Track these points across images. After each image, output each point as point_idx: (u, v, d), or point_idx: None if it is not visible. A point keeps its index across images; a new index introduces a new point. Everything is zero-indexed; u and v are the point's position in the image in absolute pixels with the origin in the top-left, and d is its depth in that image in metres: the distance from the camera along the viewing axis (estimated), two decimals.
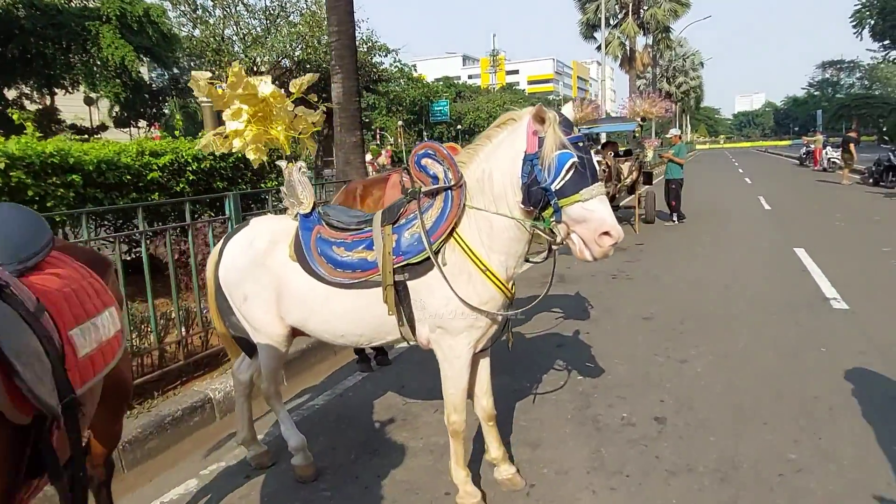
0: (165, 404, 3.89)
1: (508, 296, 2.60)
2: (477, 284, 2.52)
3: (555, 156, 2.27)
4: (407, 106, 49.00)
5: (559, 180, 2.28)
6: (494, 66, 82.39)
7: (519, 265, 2.61)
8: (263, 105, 2.62)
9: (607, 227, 2.24)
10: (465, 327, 2.57)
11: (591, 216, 2.26)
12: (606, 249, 2.28)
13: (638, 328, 5.41)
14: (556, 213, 2.33)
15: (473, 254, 2.51)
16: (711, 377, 4.21)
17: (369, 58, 32.99)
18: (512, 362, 4.67)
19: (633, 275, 7.63)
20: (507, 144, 2.46)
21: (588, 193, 2.26)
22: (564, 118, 2.36)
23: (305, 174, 2.80)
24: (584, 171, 2.28)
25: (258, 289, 2.78)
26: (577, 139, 2.33)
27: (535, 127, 2.36)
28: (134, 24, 22.70)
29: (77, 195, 5.32)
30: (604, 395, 4.00)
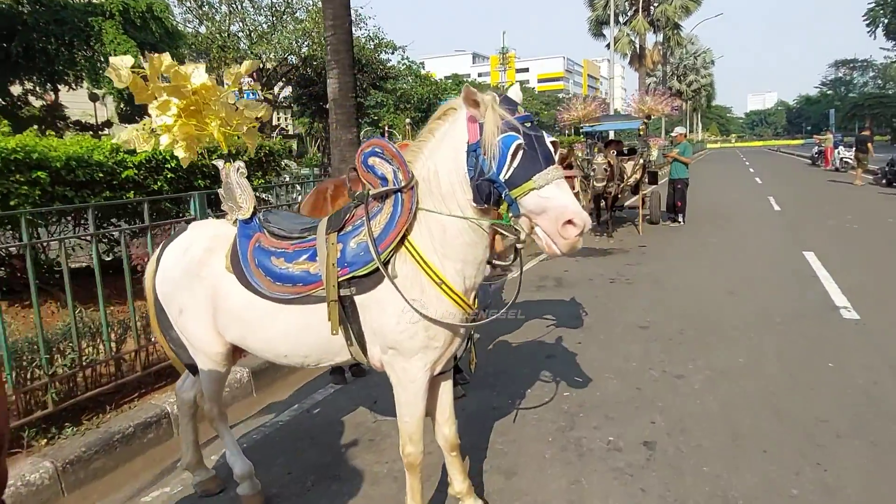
0: (118, 419, 3.62)
1: (467, 310, 2.30)
2: (430, 298, 2.22)
3: (497, 140, 1.97)
4: (415, 104, 48.83)
5: (506, 168, 1.98)
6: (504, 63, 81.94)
7: (480, 273, 2.30)
8: (195, 98, 2.34)
9: (569, 214, 1.93)
10: (419, 348, 2.28)
11: (550, 204, 1.95)
12: (573, 241, 1.97)
13: (633, 338, 5.09)
14: (512, 207, 2.03)
15: (426, 263, 2.21)
16: (708, 395, 3.89)
17: (376, 55, 32.79)
18: (496, 374, 4.38)
19: (632, 279, 7.30)
20: (449, 137, 2.17)
21: (542, 178, 1.95)
22: (506, 97, 2.07)
23: (244, 175, 2.51)
24: (534, 153, 1.97)
25: (193, 302, 2.50)
26: (526, 118, 2.03)
27: (472, 112, 2.07)
28: (137, 19, 22.50)
29: (44, 193, 5.08)
30: (590, 414, 3.68)
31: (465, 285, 2.27)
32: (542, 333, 5.27)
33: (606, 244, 9.79)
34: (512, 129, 1.97)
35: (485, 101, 2.01)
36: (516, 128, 1.97)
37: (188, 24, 28.54)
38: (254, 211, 2.50)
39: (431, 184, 2.20)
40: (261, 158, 7.02)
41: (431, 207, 2.20)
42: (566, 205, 1.95)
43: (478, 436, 3.47)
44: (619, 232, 10.88)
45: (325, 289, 2.26)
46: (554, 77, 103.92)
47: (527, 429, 3.54)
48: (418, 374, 2.32)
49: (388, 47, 32.90)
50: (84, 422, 3.56)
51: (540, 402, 3.88)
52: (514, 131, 1.96)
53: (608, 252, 9.10)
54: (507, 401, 3.93)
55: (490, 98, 2.01)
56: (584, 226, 1.95)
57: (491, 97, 2.01)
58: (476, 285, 2.33)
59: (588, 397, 3.92)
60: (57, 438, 3.38)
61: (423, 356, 2.30)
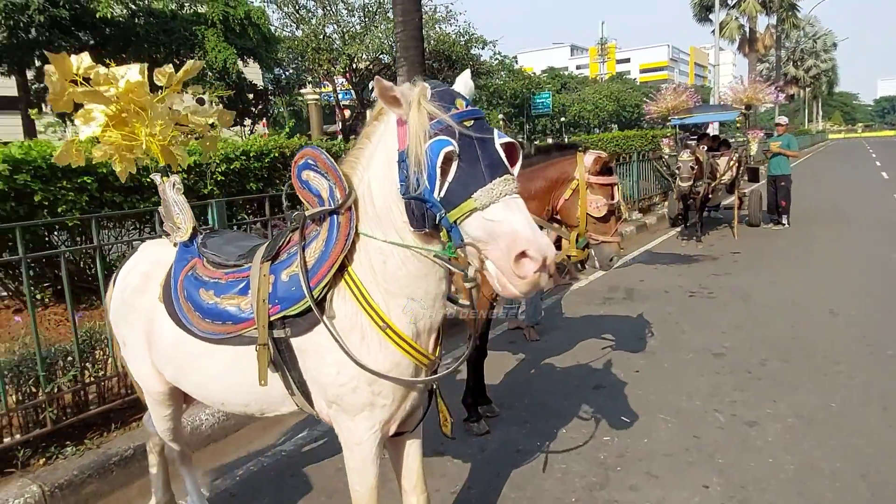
0: (119, 440, 3.47)
1: (421, 359, 1.83)
2: (372, 345, 1.78)
3: (425, 147, 1.48)
4: (508, 99, 48.20)
5: (438, 183, 1.49)
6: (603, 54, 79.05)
7: (438, 310, 1.82)
8: (124, 104, 2.05)
9: (522, 243, 1.41)
10: (363, 404, 1.84)
11: (498, 230, 1.44)
12: (532, 279, 1.43)
13: (704, 368, 4.35)
14: (452, 233, 1.53)
15: (367, 301, 1.77)
16: (784, 453, 3.15)
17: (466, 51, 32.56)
18: (530, 407, 3.85)
19: (716, 292, 6.41)
20: (382, 144, 1.71)
21: (485, 196, 1.45)
22: (443, 90, 1.56)
23: (181, 191, 2.19)
24: (474, 162, 1.48)
25: (131, 334, 2.22)
26: (468, 114, 1.52)
27: (396, 112, 1.59)
28: (236, 26, 23.61)
29: (92, 199, 5.14)
30: (630, 468, 3.07)
31: (416, 327, 1.80)
32: (595, 357, 4.65)
33: (694, 250, 8.82)
34: (444, 130, 1.48)
35: (406, 97, 1.54)
36: (451, 129, 1.48)
37: (285, 28, 29.66)
38: (193, 232, 2.17)
39: (366, 202, 1.75)
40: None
41: (369, 231, 1.76)
42: (517, 230, 1.42)
43: (488, 484, 2.98)
44: (710, 236, 9.82)
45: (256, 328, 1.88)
46: (657, 67, 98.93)
47: (549, 482, 3.00)
48: (364, 436, 1.88)
49: (478, 43, 32.56)
50: (87, 440, 3.43)
51: (573, 446, 3.31)
52: (445, 134, 1.48)
53: (693, 259, 8.17)
54: (535, 442, 3.39)
55: (416, 92, 1.53)
56: (544, 258, 1.42)
57: (418, 90, 1.53)
58: (434, 326, 1.85)
59: (632, 444, 3.30)
60: (55, 459, 3.27)
61: (369, 415, 1.86)
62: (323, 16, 29.53)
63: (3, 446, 3.18)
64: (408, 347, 1.78)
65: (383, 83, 1.54)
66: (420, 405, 2.02)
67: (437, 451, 3.34)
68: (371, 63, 30.89)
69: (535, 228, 1.46)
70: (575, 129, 54.33)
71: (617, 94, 55.80)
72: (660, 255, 8.67)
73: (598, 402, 3.84)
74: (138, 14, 22.39)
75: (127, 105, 2.06)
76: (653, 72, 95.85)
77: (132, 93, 2.04)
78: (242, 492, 3.10)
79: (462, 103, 1.55)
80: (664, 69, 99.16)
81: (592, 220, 3.16)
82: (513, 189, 1.48)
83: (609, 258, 3.20)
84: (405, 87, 1.58)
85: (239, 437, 3.69)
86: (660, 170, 10.97)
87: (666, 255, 8.61)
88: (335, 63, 29.47)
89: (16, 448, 3.18)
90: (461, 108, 1.53)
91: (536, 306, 5.12)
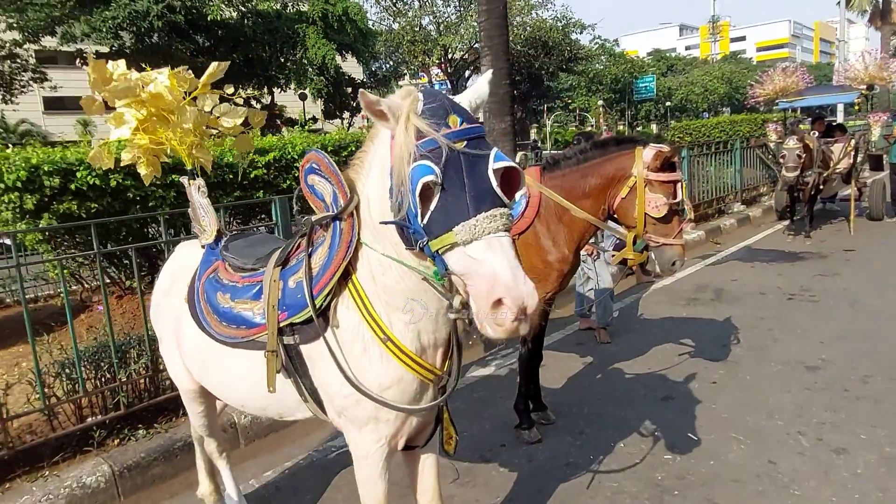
0: (185, 426, 3.65)
1: (426, 374, 1.73)
2: (373, 358, 1.71)
3: (408, 171, 1.36)
4: (608, 84, 46.51)
5: (419, 210, 1.37)
6: (714, 33, 74.14)
7: (441, 325, 1.71)
8: (154, 108, 2.09)
9: (499, 290, 1.29)
10: (367, 418, 1.78)
11: (478, 271, 1.32)
12: (509, 328, 1.31)
13: (792, 382, 3.91)
14: (436, 261, 1.42)
15: (370, 313, 1.70)
16: (875, 488, 2.74)
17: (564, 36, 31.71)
18: (588, 417, 3.64)
19: (819, 295, 5.77)
20: (378, 152, 1.61)
21: (466, 232, 1.33)
22: (435, 105, 1.41)
23: (205, 194, 2.21)
24: (458, 192, 1.34)
25: (163, 331, 2.32)
26: (461, 134, 1.37)
27: (384, 126, 1.48)
28: (335, 23, 24.41)
29: (179, 195, 5.46)
30: (689, 494, 2.81)
31: (420, 342, 1.71)
32: (669, 364, 4.32)
33: (800, 246, 8.02)
34: (431, 153, 1.35)
35: (394, 111, 1.42)
36: (438, 152, 1.35)
37: (382, 21, 30.27)
38: (218, 234, 2.19)
39: (366, 211, 1.67)
40: None
41: (369, 241, 1.68)
42: (496, 275, 1.30)
43: (530, 499, 2.84)
44: (822, 230, 8.88)
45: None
46: (776, 45, 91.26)
47: (596, 500, 2.80)
48: (371, 450, 1.82)
49: (577, 27, 31.57)
50: (157, 425, 3.65)
51: (628, 464, 3.08)
52: (430, 158, 1.34)
53: (799, 257, 7.42)
54: (588, 455, 3.20)
55: (405, 106, 1.40)
56: (524, 308, 1.29)
57: (407, 105, 1.40)
58: (440, 341, 1.74)
59: (696, 466, 3.02)
60: (128, 441, 3.50)
61: (374, 428, 1.79)
62: (419, 7, 29.87)
63: (84, 426, 3.46)
64: (410, 362, 1.70)
65: (368, 97, 1.44)
66: (431, 421, 1.92)
67: (483, 458, 3.25)
68: (466, 53, 30.89)
69: (518, 274, 1.32)
70: (681, 113, 51.44)
71: (729, 75, 52.17)
72: (760, 251, 7.96)
73: (665, 416, 3.56)
74: (247, 16, 23.72)
75: (156, 109, 2.10)
76: (771, 50, 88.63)
77: (159, 97, 2.08)
78: (288, 485, 3.17)
79: (456, 120, 1.40)
80: (784, 47, 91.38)
81: (652, 221, 2.90)
82: (499, 227, 1.34)
83: (671, 262, 2.92)
84: (396, 96, 1.48)
85: (295, 430, 3.77)
86: (763, 158, 10.06)
87: (768, 251, 7.89)
88: (430, 54, 29.74)
89: (93, 429, 3.44)
90: (455, 126, 1.39)
91: (607, 307, 4.84)
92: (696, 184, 9.42)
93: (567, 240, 3.16)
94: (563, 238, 3.16)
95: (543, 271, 3.23)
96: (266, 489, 3.15)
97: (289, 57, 24.48)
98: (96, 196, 5.02)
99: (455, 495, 2.91)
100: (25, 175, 4.55)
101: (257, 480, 3.23)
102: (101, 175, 4.87)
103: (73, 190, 4.85)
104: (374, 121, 1.50)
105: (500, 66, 8.56)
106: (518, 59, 30.09)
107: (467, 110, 1.47)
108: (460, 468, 3.07)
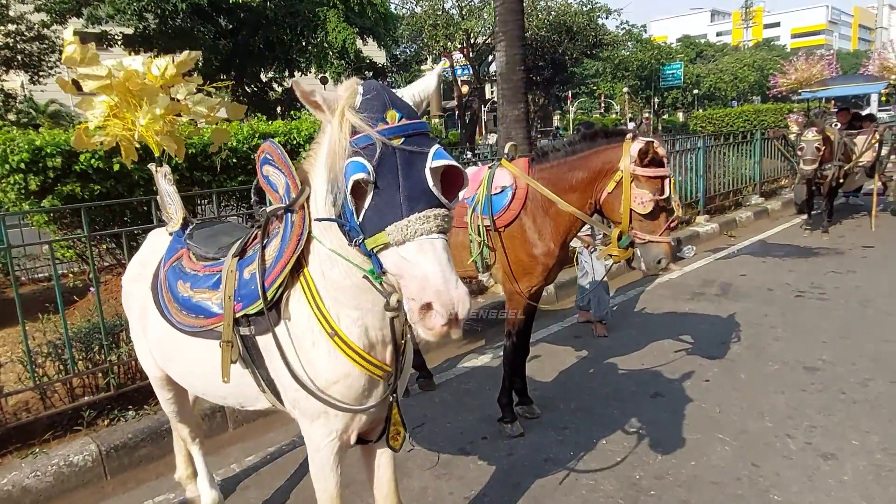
0: None
1: (375, 371, 1.71)
2: (321, 352, 1.70)
3: (342, 166, 1.34)
4: (634, 70, 45.66)
5: (353, 208, 1.35)
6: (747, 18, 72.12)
7: (388, 323, 1.69)
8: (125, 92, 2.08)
9: (429, 294, 1.26)
10: (317, 411, 1.77)
11: (409, 271, 1.30)
12: (439, 332, 1.28)
13: (788, 383, 3.81)
14: (373, 259, 1.40)
15: (318, 306, 1.68)
16: (859, 496, 2.66)
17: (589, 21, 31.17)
18: (574, 412, 3.60)
19: (830, 293, 5.61)
20: (325, 143, 1.55)
21: (398, 233, 1.30)
22: (373, 97, 1.37)
23: (171, 182, 2.21)
24: (392, 191, 1.31)
25: (132, 318, 2.33)
26: (398, 131, 1.33)
27: (321, 118, 1.45)
28: (356, 6, 24.27)
29: (183, 178, 5.50)
30: (665, 494, 2.76)
31: (367, 338, 1.69)
32: (664, 361, 4.25)
33: (817, 241, 7.80)
34: (365, 150, 1.32)
35: (330, 104, 1.38)
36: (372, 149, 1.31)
37: (405, 5, 30.03)
38: (184, 223, 2.20)
39: (314, 205, 1.65)
40: None
41: (318, 236, 1.65)
42: (427, 278, 1.27)
43: (505, 494, 2.82)
44: (842, 225, 8.64)
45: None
46: (812, 31, 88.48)
47: (570, 499, 2.77)
48: (322, 443, 1.82)
49: (602, 12, 30.97)
50: (146, 406, 3.71)
51: (608, 462, 3.04)
52: (364, 155, 1.31)
53: (814, 252, 7.22)
54: (568, 451, 3.16)
55: (342, 100, 1.37)
56: (452, 315, 1.26)
57: (345, 98, 1.37)
58: (388, 338, 1.72)
59: (676, 467, 2.97)
60: (117, 421, 3.56)
61: (325, 422, 1.78)
62: None
63: (74, 406, 3.53)
64: (358, 358, 1.68)
65: (302, 87, 1.40)
66: (384, 416, 1.90)
67: (463, 451, 3.23)
68: (489, 37, 30.51)
69: (449, 277, 1.28)
70: (710, 102, 50.30)
71: (761, 62, 50.79)
72: (775, 245, 7.77)
73: (653, 414, 3.50)
74: None
75: (124, 94, 2.10)
76: (807, 36, 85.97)
77: (129, 82, 2.07)
78: (268, 470, 3.20)
79: (395, 116, 1.36)
80: (821, 33, 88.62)
81: (638, 217, 2.82)
82: (432, 228, 1.30)
83: (656, 260, 2.85)
84: (340, 88, 1.44)
85: (283, 416, 3.77)
86: (782, 150, 9.78)
87: (782, 246, 7.70)
88: (452, 39, 29.44)
89: (83, 409, 3.51)
90: (392, 122, 1.35)
91: (601, 300, 4.76)
92: (711, 175, 9.21)
93: (553, 233, 3.11)
94: (549, 231, 3.11)
95: (529, 264, 3.18)
96: (246, 473, 3.18)
97: (310, 40, 24.47)
98: (100, 178, 5.09)
99: (429, 487, 2.91)
100: (28, 157, 4.63)
101: (238, 465, 3.26)
102: (103, 157, 4.93)
103: (76, 172, 4.92)
104: (312, 112, 1.46)
105: (514, 53, 8.49)
106: (542, 44, 29.65)
107: (410, 105, 1.43)
108: (439, 460, 3.07)
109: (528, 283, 3.22)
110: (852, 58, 54.37)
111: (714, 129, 17.61)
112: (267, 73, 25.50)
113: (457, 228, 3.33)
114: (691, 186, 8.83)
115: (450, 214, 1.37)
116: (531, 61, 28.57)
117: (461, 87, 33.11)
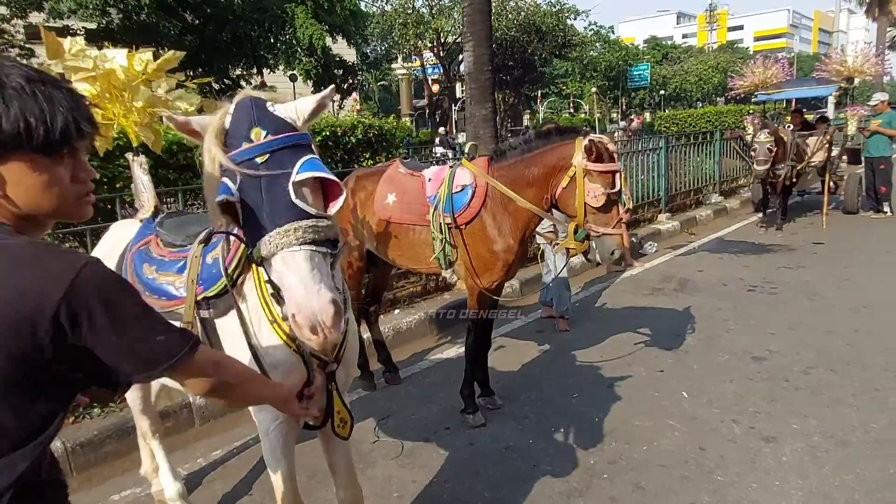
0: None
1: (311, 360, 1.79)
2: (263, 337, 1.78)
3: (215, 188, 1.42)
4: (603, 71, 46.32)
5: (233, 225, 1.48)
6: (712, 21, 73.76)
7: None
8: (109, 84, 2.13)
9: (292, 307, 1.36)
10: None
11: (280, 284, 1.40)
12: (314, 340, 1.37)
13: (736, 372, 4.01)
14: (263, 271, 1.50)
15: (263, 294, 1.77)
16: (796, 476, 2.85)
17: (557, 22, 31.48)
18: (534, 402, 3.74)
19: (780, 287, 5.88)
20: None
21: (265, 247, 1.38)
22: (240, 118, 1.42)
23: (146, 171, 2.28)
24: (259, 207, 1.38)
25: None
26: (261, 149, 1.38)
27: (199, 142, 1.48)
28: (325, 3, 24.16)
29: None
30: (617, 478, 2.91)
31: None
32: (622, 353, 4.42)
33: (772, 238, 8.12)
34: (231, 171, 1.38)
35: (204, 129, 1.44)
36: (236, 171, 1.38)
37: (374, 3, 29.97)
38: (155, 211, 2.27)
39: None
40: (370, 139, 6.87)
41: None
42: (290, 290, 1.36)
43: (466, 481, 2.93)
44: (797, 223, 8.99)
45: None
46: (774, 34, 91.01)
47: (528, 484, 2.90)
48: (269, 427, 1.91)
49: (571, 13, 31.38)
50: (112, 404, 3.71)
51: (564, 449, 3.18)
52: (229, 176, 1.38)
53: (767, 249, 7.52)
54: (527, 440, 3.29)
55: (212, 126, 1.42)
56: (317, 323, 1.34)
57: (216, 119, 1.43)
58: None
59: (628, 451, 3.12)
60: (83, 419, 3.56)
61: (271, 407, 1.86)
62: None
63: None
64: (294, 345, 1.76)
65: (175, 120, 1.47)
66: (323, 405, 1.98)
67: (427, 440, 3.34)
68: (459, 36, 30.64)
69: (311, 289, 1.35)
70: (675, 102, 51.38)
71: (725, 64, 52.04)
72: (731, 242, 8.06)
73: (609, 403, 3.66)
74: None
75: (107, 86, 2.15)
76: (769, 39, 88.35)
77: (113, 75, 2.12)
78: (234, 464, 3.25)
79: (260, 133, 1.39)
80: (782, 36, 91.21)
81: (592, 210, 2.96)
82: (292, 241, 1.36)
83: (610, 251, 2.99)
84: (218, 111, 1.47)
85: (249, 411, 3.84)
86: (738, 151, 10.14)
87: (738, 243, 7.99)
88: (422, 37, 29.50)
89: None
90: (258, 139, 1.39)
91: (563, 296, 4.92)
92: (673, 174, 9.50)
93: (512, 229, 3.23)
94: (508, 228, 3.23)
95: (490, 260, 3.30)
96: (212, 467, 3.23)
97: (278, 37, 24.25)
98: None
99: (393, 476, 3.00)
100: None
101: (205, 459, 3.31)
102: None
103: None
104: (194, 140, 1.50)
105: (482, 53, 8.61)
106: (511, 44, 29.87)
107: (280, 119, 1.44)
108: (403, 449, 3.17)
109: (489, 278, 3.33)
110: (812, 60, 56.13)
111: (678, 129, 18.03)
112: (235, 70, 25.19)
113: (420, 226, 3.44)
114: (654, 185, 9.09)
115: (323, 224, 1.40)
116: (501, 61, 28.78)
117: (431, 85, 33.19)
